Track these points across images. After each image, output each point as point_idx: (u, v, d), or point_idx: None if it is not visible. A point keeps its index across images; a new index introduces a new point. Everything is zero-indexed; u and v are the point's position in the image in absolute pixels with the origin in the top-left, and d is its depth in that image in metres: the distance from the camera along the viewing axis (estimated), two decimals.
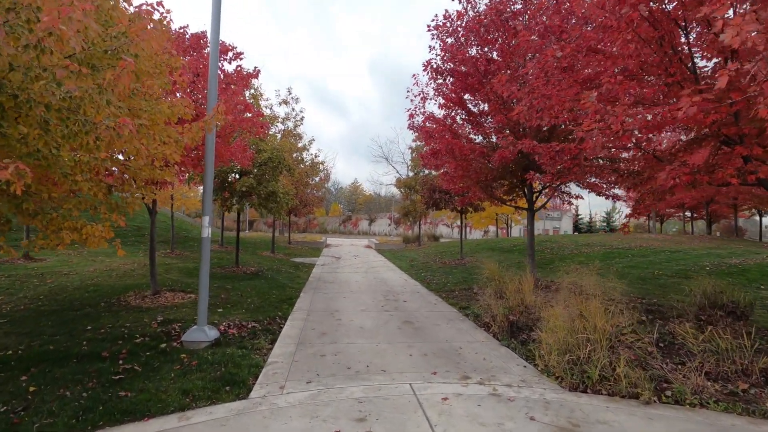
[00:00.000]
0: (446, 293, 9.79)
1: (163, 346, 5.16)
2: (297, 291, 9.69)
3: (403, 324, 6.88)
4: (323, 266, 15.39)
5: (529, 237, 9.53)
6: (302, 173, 17.11)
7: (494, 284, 7.51)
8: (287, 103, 17.95)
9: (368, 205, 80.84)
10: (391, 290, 10.29)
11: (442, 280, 11.81)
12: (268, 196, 11.03)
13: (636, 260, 12.82)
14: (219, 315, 6.84)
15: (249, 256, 16.12)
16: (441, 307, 8.35)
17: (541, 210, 9.79)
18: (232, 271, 11.66)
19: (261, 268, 12.73)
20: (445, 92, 9.50)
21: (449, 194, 14.88)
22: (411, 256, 19.88)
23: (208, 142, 5.53)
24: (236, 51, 7.83)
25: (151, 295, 7.64)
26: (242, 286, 9.67)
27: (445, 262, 15.69)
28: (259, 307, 7.75)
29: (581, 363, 4.43)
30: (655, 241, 18.51)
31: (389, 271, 14.44)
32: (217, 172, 10.67)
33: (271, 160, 10.76)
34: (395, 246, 26.45)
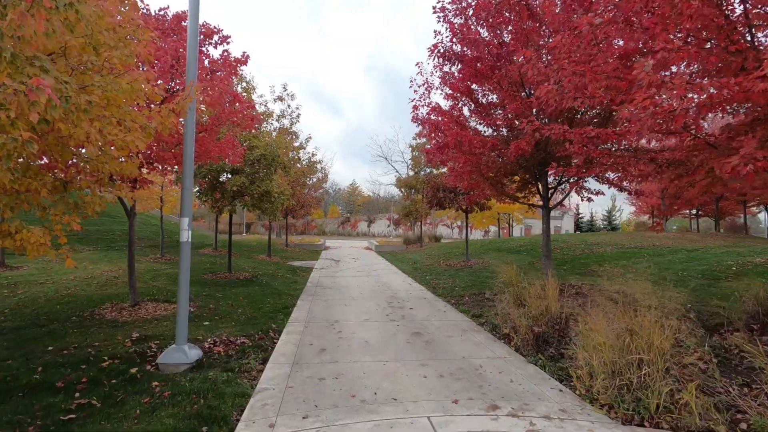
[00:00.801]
0: (455, 299, 9.03)
1: (133, 371, 4.38)
2: (293, 298, 8.91)
3: (412, 337, 6.12)
4: (322, 270, 14.62)
5: (545, 236, 8.78)
6: (299, 173, 16.34)
7: (512, 290, 6.75)
8: (282, 100, 17.18)
9: (367, 206, 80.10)
10: (395, 296, 9.52)
11: (449, 284, 11.06)
12: (262, 196, 10.26)
13: (654, 260, 12.08)
14: (204, 329, 6.06)
15: (244, 260, 15.34)
16: (451, 315, 7.59)
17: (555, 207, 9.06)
18: (224, 277, 10.87)
19: (256, 274, 11.95)
20: (452, 81, 8.75)
21: (454, 192, 14.14)
22: (413, 257, 19.13)
23: (187, 130, 4.76)
24: (222, 34, 7.06)
25: (129, 307, 6.86)
26: (234, 294, 8.89)
27: (450, 264, 14.94)
28: (251, 318, 6.98)
29: (634, 389, 3.67)
30: (665, 239, 17.80)
31: (392, 274, 13.67)
32: (206, 171, 9.90)
33: (265, 157, 9.98)
34: (396, 247, 25.67)
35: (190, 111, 4.59)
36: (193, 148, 4.86)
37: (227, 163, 9.59)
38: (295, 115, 17.28)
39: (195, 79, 4.46)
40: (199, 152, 7.71)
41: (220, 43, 7.11)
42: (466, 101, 8.98)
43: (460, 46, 7.76)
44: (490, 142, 7.70)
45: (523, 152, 6.78)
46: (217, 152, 7.97)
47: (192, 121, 4.76)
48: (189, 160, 4.84)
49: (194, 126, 4.82)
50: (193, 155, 4.86)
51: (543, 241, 8.86)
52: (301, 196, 18.04)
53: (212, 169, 9.81)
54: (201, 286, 9.65)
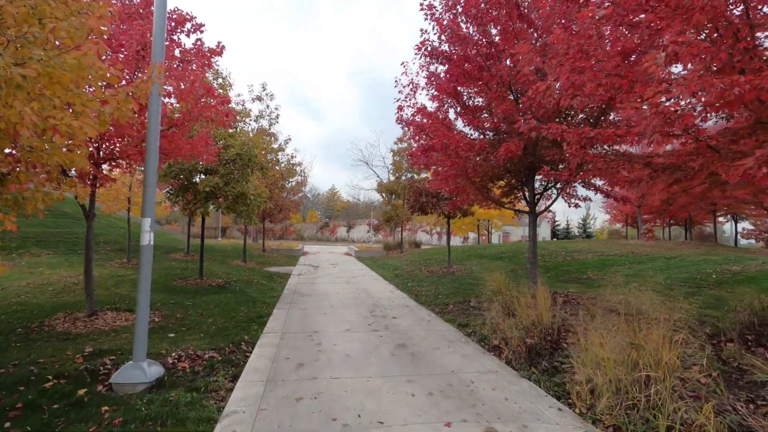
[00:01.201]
0: (439, 307, 8.69)
1: (81, 393, 3.83)
2: (269, 307, 8.39)
3: (396, 349, 5.72)
4: (300, 276, 14.07)
5: (532, 243, 8.57)
6: (277, 175, 15.77)
7: (501, 299, 6.45)
8: (261, 100, 16.58)
9: (346, 211, 79.48)
10: (377, 304, 9.12)
11: (432, 291, 10.72)
12: (237, 199, 9.71)
13: (635, 268, 12.09)
14: (169, 342, 5.51)
15: (217, 265, 14.63)
16: (437, 324, 7.24)
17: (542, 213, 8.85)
18: (195, 283, 10.23)
19: (229, 280, 11.33)
20: (439, 82, 8.48)
21: (437, 197, 13.87)
22: (394, 264, 18.76)
23: (151, 120, 4.26)
24: (196, 22, 6.57)
25: (85, 317, 6.22)
26: (205, 302, 8.29)
27: (432, 271, 14.64)
28: (222, 329, 6.44)
29: (642, 409, 3.38)
30: (642, 247, 18.03)
31: (373, 281, 13.25)
32: (177, 171, 9.29)
33: (241, 157, 9.45)
34: (376, 253, 25.26)
35: (154, 98, 4.11)
36: (157, 140, 4.36)
37: (200, 162, 9.03)
38: (274, 116, 16.74)
39: (161, 60, 3.99)
40: (168, 149, 7.17)
41: (192, 32, 6.61)
42: (453, 103, 8.72)
43: (448, 45, 7.49)
44: (478, 145, 7.44)
45: (512, 155, 6.53)
46: (189, 150, 7.44)
47: (156, 110, 4.27)
48: (153, 154, 4.34)
49: (159, 116, 4.33)
50: (157, 149, 4.36)
51: (530, 248, 8.64)
52: (279, 199, 17.44)
53: (184, 169, 9.21)
54: (169, 293, 9.00)
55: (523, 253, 17.00)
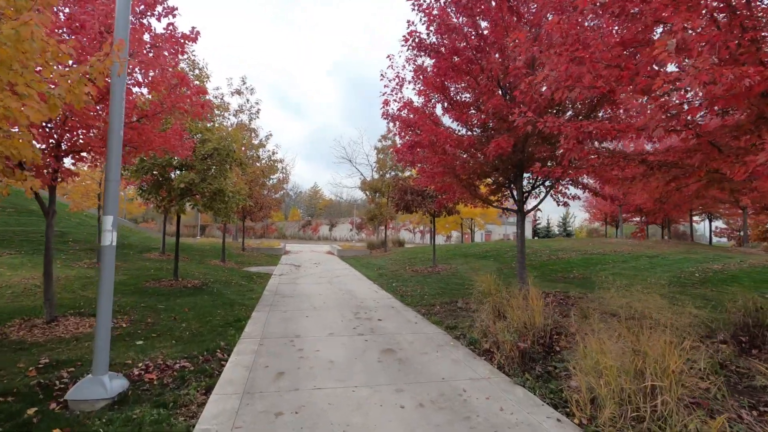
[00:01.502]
0: (426, 308, 8.44)
1: (31, 412, 3.40)
2: (248, 309, 7.98)
3: (383, 354, 5.43)
4: (281, 276, 13.63)
5: (520, 242, 8.39)
6: (258, 172, 15.24)
7: (491, 300, 6.23)
8: (241, 94, 15.96)
9: (329, 209, 78.77)
10: (361, 305, 8.80)
11: (418, 291, 10.47)
12: (214, 196, 9.23)
13: (619, 267, 12.10)
14: (137, 350, 5.08)
15: (195, 266, 14.06)
16: (424, 327, 6.97)
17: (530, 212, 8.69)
18: (169, 285, 9.71)
19: (206, 281, 10.83)
20: (426, 76, 8.21)
21: (422, 195, 13.63)
22: (378, 263, 18.46)
23: (113, 107, 3.84)
24: (168, 5, 6.11)
25: (44, 324, 5.71)
26: (179, 305, 7.82)
27: (417, 270, 14.40)
28: (197, 334, 6.02)
29: (648, 421, 3.17)
30: (624, 245, 18.22)
31: (356, 281, 12.93)
32: (149, 165, 8.77)
33: (218, 151, 8.98)
34: (359, 252, 24.90)
35: (116, 82, 3.70)
36: (121, 130, 3.94)
37: (175, 157, 8.53)
38: (255, 111, 16.16)
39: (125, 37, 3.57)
40: (138, 142, 6.70)
41: (164, 15, 6.14)
42: (440, 98, 8.46)
43: (436, 37, 7.22)
44: (467, 141, 7.20)
45: (502, 151, 6.31)
46: (161, 144, 6.97)
47: (119, 96, 3.85)
48: (115, 145, 3.92)
49: (123, 103, 3.91)
50: (120, 140, 3.94)
51: (518, 247, 8.46)
52: (260, 197, 16.91)
53: (157, 164, 8.70)
54: (141, 295, 8.48)
55: (507, 252, 16.95)
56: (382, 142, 23.40)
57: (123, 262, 13.14)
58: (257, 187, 16.12)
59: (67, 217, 18.39)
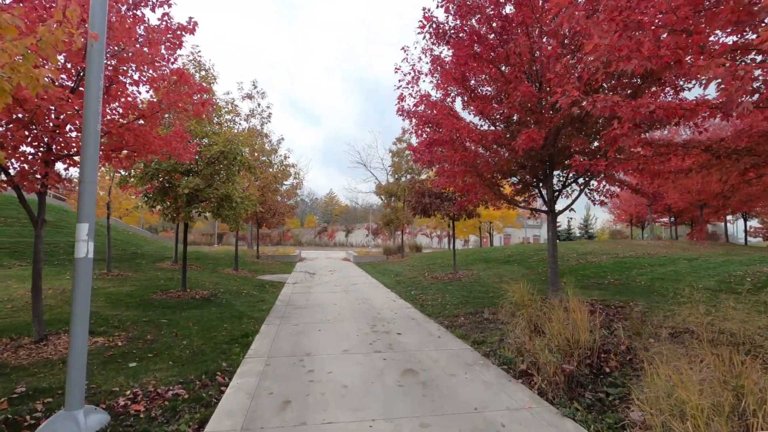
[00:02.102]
0: (449, 320, 7.74)
1: None
2: (257, 323, 7.42)
3: (404, 376, 4.76)
4: (295, 285, 13.10)
5: (551, 246, 7.64)
6: (270, 177, 14.80)
7: (526, 313, 5.50)
8: (252, 98, 15.61)
9: (345, 215, 78.63)
10: (379, 316, 8.16)
11: (439, 300, 9.76)
12: (221, 202, 8.75)
13: (658, 271, 11.15)
14: (128, 374, 4.54)
15: (207, 275, 13.65)
16: (448, 342, 6.28)
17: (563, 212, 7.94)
18: (176, 296, 9.24)
19: (216, 291, 10.35)
20: (445, 68, 7.59)
21: (441, 198, 12.94)
22: (395, 269, 17.79)
23: (88, 96, 3.31)
24: None
25: (32, 343, 5.24)
26: (183, 319, 7.32)
27: (436, 277, 13.67)
28: (198, 353, 5.47)
29: None
30: (656, 248, 17.11)
31: (373, 288, 12.29)
32: (153, 171, 8.34)
33: (225, 155, 8.51)
34: (375, 258, 24.29)
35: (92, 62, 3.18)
36: (98, 124, 3.41)
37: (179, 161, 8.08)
38: (266, 115, 15.76)
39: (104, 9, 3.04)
40: (135, 145, 6.24)
41: (158, 6, 5.69)
42: (460, 91, 7.81)
43: (455, 21, 6.58)
44: (491, 135, 6.52)
45: (533, 144, 5.61)
46: (162, 146, 6.51)
47: (95, 83, 3.32)
48: (91, 141, 3.39)
49: (99, 92, 3.38)
50: (97, 135, 3.41)
51: (549, 252, 7.70)
52: (273, 203, 16.48)
53: (162, 169, 8.26)
54: (145, 308, 8.01)
55: (531, 256, 16.06)
56: (396, 145, 22.81)
57: (135, 272, 12.82)
58: (270, 193, 15.68)
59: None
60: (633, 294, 8.60)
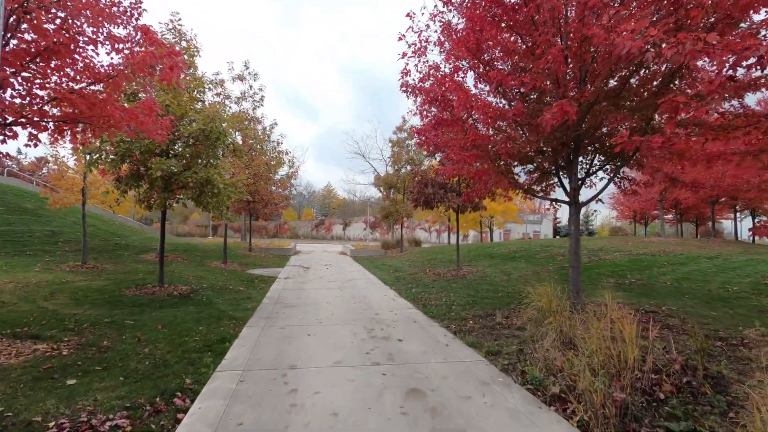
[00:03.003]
0: (456, 323, 6.84)
1: None
2: (239, 324, 6.51)
3: (408, 399, 3.86)
4: (287, 280, 12.18)
5: (575, 242, 6.73)
6: (262, 165, 13.78)
7: (554, 321, 4.59)
8: (243, 80, 14.49)
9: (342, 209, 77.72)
10: (377, 318, 7.26)
11: (443, 300, 8.87)
12: (202, 187, 7.78)
13: (681, 270, 10.27)
14: (61, 396, 3.61)
15: (192, 268, 12.71)
16: (458, 351, 5.38)
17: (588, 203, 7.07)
18: (151, 292, 8.30)
19: (198, 287, 9.42)
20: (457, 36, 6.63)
21: (445, 189, 12.00)
22: (394, 264, 16.89)
23: None
24: None
25: None
26: (153, 320, 6.39)
27: (439, 274, 12.77)
28: (159, 365, 4.55)
29: None
30: (669, 245, 16.26)
31: (371, 285, 11.38)
32: (124, 151, 7.36)
33: (206, 134, 7.53)
34: (373, 252, 23.37)
35: None
36: None
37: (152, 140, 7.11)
38: (259, 98, 14.70)
39: None
40: (91, 116, 5.29)
41: None
42: (472, 64, 6.84)
43: None
44: (512, 112, 5.57)
45: (566, 118, 4.67)
46: (126, 120, 5.57)
47: None
48: None
49: None
50: None
51: (571, 249, 6.79)
52: (266, 192, 15.49)
53: (133, 149, 7.29)
54: (111, 307, 7.08)
55: (538, 253, 15.18)
56: (397, 134, 21.80)
57: (114, 265, 11.88)
58: (262, 182, 14.70)
59: (63, 215, 17.31)
60: (661, 296, 7.72)
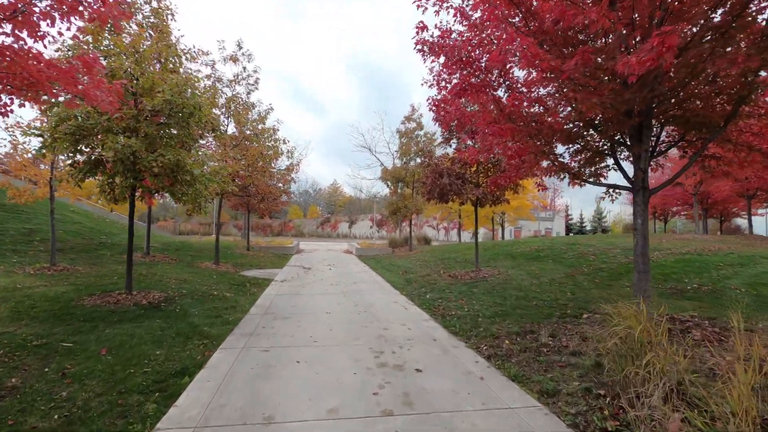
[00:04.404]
0: (488, 344, 5.36)
1: None
2: (211, 345, 5.08)
3: None
4: (283, 283, 10.76)
5: (641, 240, 5.21)
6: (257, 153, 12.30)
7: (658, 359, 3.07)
8: (236, 61, 13.01)
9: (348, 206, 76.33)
10: (386, 335, 5.81)
11: (465, 309, 7.38)
12: (173, 174, 6.34)
13: (746, 273, 8.67)
14: None
15: (178, 270, 11.32)
16: (498, 388, 3.90)
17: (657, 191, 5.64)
18: (114, 301, 6.89)
19: (176, 293, 8.00)
20: None
21: (463, 179, 10.47)
22: (403, 264, 15.41)
23: None
24: None
25: None
26: (97, 342, 4.97)
27: (455, 276, 11.26)
28: (71, 421, 3.12)
29: None
30: (708, 242, 14.62)
31: (378, 290, 9.92)
32: (74, 128, 5.94)
33: (176, 109, 6.09)
34: (380, 251, 21.91)
35: None
36: None
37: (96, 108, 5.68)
38: (253, 81, 13.21)
39: None
40: None
41: None
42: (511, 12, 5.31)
43: None
44: (574, 61, 4.05)
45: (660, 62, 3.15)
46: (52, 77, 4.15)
47: None
48: None
49: None
50: None
51: (637, 247, 5.26)
52: (261, 185, 14.05)
53: (83, 126, 5.87)
54: (55, 322, 5.68)
55: (565, 252, 13.59)
56: (405, 125, 20.26)
57: (90, 266, 10.53)
58: (256, 173, 13.27)
59: (46, 213, 16.04)
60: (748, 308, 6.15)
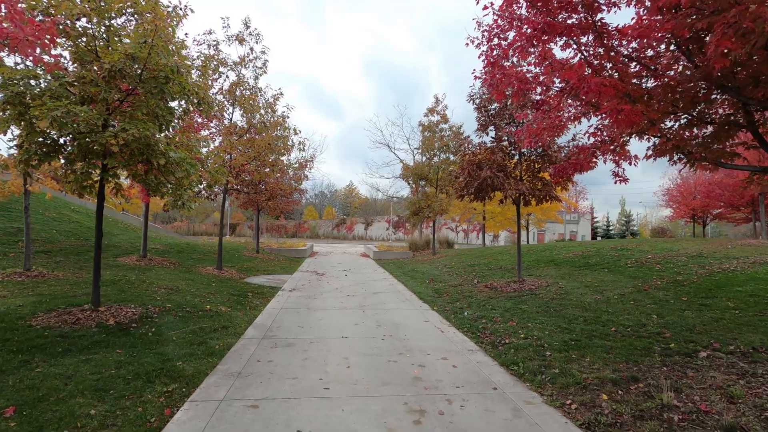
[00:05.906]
0: (577, 398, 3.66)
1: None
2: (178, 395, 3.52)
3: None
4: (291, 293, 9.21)
5: None
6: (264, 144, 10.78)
7: None
8: (243, 42, 11.54)
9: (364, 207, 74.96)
10: (424, 377, 4.16)
11: (520, 333, 5.67)
12: (143, 155, 4.83)
13: None
14: None
15: (173, 276, 9.87)
16: None
17: None
18: (74, 321, 5.40)
19: (158, 308, 6.48)
20: None
21: (505, 171, 8.74)
22: (428, 271, 13.72)
23: None
24: None
25: None
26: (13, 390, 3.46)
27: (493, 287, 9.50)
28: None
29: None
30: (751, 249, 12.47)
31: (403, 304, 8.27)
32: (11, 96, 4.47)
33: (144, 70, 4.58)
34: (399, 254, 20.23)
35: None
36: None
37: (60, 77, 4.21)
38: (261, 63, 11.72)
39: None
40: None
41: None
42: None
43: None
44: None
45: None
46: None
47: None
48: None
49: None
50: None
51: None
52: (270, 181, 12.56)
53: (18, 92, 4.40)
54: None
55: (617, 258, 11.66)
56: (428, 117, 18.59)
57: (72, 272, 9.19)
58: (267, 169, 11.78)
59: (40, 211, 14.92)
60: None
